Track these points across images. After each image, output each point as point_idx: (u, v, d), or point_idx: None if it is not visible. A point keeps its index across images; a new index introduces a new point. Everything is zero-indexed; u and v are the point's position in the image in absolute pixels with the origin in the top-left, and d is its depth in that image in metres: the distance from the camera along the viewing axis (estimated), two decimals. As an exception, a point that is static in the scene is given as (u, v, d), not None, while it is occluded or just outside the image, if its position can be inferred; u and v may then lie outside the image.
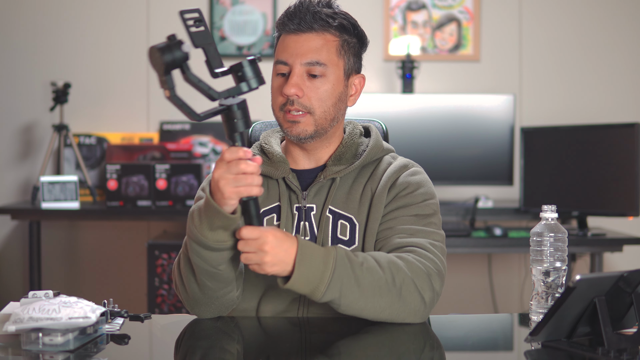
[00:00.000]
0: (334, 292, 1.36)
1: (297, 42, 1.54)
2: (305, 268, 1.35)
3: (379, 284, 1.38)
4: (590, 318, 1.23)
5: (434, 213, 1.56)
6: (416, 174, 1.59)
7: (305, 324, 1.48)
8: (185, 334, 1.41)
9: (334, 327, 1.45)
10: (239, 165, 1.33)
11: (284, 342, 1.40)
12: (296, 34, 1.54)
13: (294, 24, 1.54)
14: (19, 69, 3.78)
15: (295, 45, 1.54)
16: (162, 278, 3.29)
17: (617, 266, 3.66)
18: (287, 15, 1.56)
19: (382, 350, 1.34)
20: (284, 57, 1.54)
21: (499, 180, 3.49)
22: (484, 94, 3.55)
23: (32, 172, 3.75)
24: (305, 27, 1.54)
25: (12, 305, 1.35)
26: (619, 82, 3.79)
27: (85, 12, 3.78)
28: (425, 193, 1.56)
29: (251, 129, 1.84)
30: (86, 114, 3.76)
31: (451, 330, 1.47)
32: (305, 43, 1.54)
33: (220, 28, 3.76)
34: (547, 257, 1.40)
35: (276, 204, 1.57)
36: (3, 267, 3.79)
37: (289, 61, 1.54)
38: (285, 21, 1.56)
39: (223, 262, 1.41)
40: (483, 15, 3.79)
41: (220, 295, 1.46)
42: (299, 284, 1.35)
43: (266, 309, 1.52)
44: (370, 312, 1.40)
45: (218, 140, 3.70)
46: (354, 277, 1.37)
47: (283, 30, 1.57)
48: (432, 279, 1.43)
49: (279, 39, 1.58)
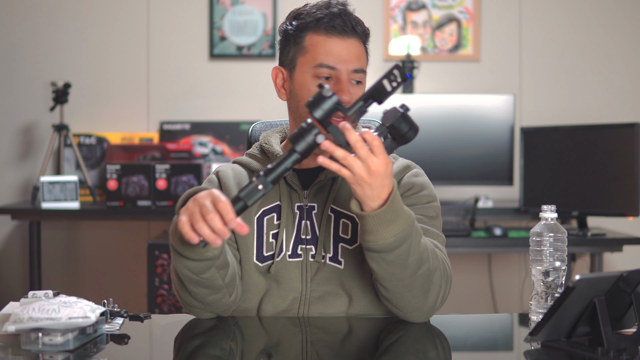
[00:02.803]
0: (394, 245, 1.34)
1: (343, 47, 1.50)
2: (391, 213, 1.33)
3: (423, 266, 1.39)
4: (589, 318, 1.23)
5: (437, 216, 1.56)
6: (419, 176, 1.59)
7: (305, 323, 1.48)
8: (183, 333, 1.41)
9: (335, 327, 1.45)
10: (209, 210, 1.25)
11: (285, 342, 1.40)
12: (341, 38, 1.50)
13: (339, 26, 1.50)
14: (19, 69, 3.78)
15: (341, 51, 1.50)
16: (162, 278, 3.29)
17: (617, 266, 3.66)
18: (329, 15, 1.51)
19: (386, 350, 1.34)
20: (332, 62, 1.49)
21: (499, 180, 3.49)
22: (484, 94, 3.55)
23: (32, 172, 3.75)
24: (351, 32, 1.51)
25: (12, 305, 1.35)
26: (619, 82, 3.79)
27: (85, 12, 3.78)
28: (429, 195, 1.57)
29: (251, 128, 1.84)
30: (86, 114, 3.76)
31: (451, 330, 1.46)
32: (352, 49, 1.51)
33: (220, 28, 3.76)
34: (547, 257, 1.40)
35: (276, 203, 1.56)
36: (3, 267, 3.79)
37: (338, 67, 1.49)
38: (326, 21, 1.50)
39: (205, 271, 1.40)
40: (483, 15, 3.79)
41: (211, 301, 1.45)
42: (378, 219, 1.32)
43: (267, 308, 1.52)
44: (396, 287, 1.39)
45: (218, 140, 3.70)
46: (411, 248, 1.36)
47: (320, 29, 1.51)
48: (448, 282, 1.46)
49: (309, 36, 1.52)
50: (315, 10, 1.53)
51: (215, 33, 3.76)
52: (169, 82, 3.79)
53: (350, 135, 1.28)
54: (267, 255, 1.53)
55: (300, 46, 1.53)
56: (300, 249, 1.53)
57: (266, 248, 1.53)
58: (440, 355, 1.32)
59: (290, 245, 1.53)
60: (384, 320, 1.49)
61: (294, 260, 1.53)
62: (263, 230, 1.54)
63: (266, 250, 1.53)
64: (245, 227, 1.24)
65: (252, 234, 1.54)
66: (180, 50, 3.79)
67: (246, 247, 1.53)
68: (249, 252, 1.53)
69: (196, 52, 3.79)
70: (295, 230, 1.54)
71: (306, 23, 1.52)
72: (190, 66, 3.79)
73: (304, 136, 1.28)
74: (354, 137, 1.28)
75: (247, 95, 3.77)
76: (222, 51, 3.77)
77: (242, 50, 3.77)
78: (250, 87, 3.77)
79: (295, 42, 1.54)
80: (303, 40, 1.52)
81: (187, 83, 3.79)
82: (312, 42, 1.51)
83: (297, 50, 1.53)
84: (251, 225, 1.54)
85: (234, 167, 1.63)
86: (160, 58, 3.78)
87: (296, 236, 1.54)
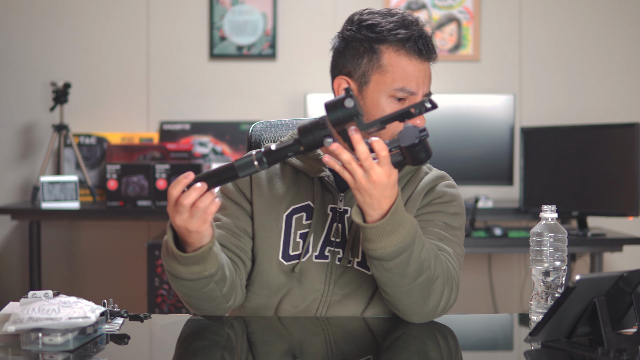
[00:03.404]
0: (393, 255, 1.35)
1: (421, 70, 1.48)
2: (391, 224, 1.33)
3: (423, 275, 1.38)
4: (590, 318, 1.23)
5: (460, 228, 1.56)
6: (452, 187, 1.59)
7: (325, 323, 1.48)
8: (184, 334, 1.41)
9: (352, 326, 1.46)
10: (183, 204, 1.29)
11: (304, 342, 1.40)
12: (422, 62, 1.48)
13: (424, 48, 1.47)
14: (18, 69, 3.78)
15: (419, 74, 1.47)
16: (162, 278, 3.29)
17: (617, 266, 3.66)
18: (414, 38, 1.47)
19: (387, 350, 1.34)
20: (413, 87, 1.47)
21: (499, 180, 3.49)
22: (484, 94, 3.55)
23: (32, 172, 3.75)
24: (428, 56, 1.49)
25: (12, 305, 1.35)
26: (619, 82, 3.79)
27: (85, 12, 3.78)
28: (458, 207, 1.57)
29: (251, 128, 1.83)
30: (86, 114, 3.76)
31: (451, 330, 1.46)
32: (427, 73, 1.49)
33: (220, 28, 3.76)
34: (547, 257, 1.40)
35: (307, 202, 1.54)
36: (3, 267, 3.79)
37: (416, 91, 1.48)
38: (409, 42, 1.46)
39: (204, 287, 1.41)
40: (483, 15, 3.78)
41: (207, 308, 1.46)
42: (377, 231, 1.32)
43: (286, 307, 1.52)
44: (395, 292, 1.39)
45: (218, 140, 3.70)
46: (412, 258, 1.36)
47: (401, 48, 1.46)
48: (452, 290, 1.46)
49: (388, 53, 1.46)
50: (392, 25, 1.47)
51: (215, 33, 3.76)
52: (169, 82, 3.79)
53: (356, 146, 1.28)
54: (293, 254, 1.52)
55: (378, 63, 1.46)
56: (328, 251, 1.52)
57: (292, 247, 1.52)
58: (442, 355, 1.32)
59: (318, 246, 1.52)
60: (385, 320, 1.50)
61: (319, 261, 1.52)
62: (291, 229, 1.53)
63: (292, 249, 1.52)
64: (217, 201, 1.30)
65: (280, 231, 1.53)
66: (180, 50, 3.79)
67: (271, 244, 1.53)
68: (273, 250, 1.52)
69: (196, 52, 3.79)
70: (325, 232, 1.53)
71: (384, 37, 1.47)
72: (190, 66, 3.79)
73: (313, 132, 1.28)
74: (361, 148, 1.28)
75: (247, 95, 3.76)
76: (222, 51, 3.77)
77: (242, 50, 3.77)
78: (250, 87, 3.76)
79: (370, 56, 1.47)
80: (380, 57, 1.46)
81: (187, 83, 3.79)
82: (392, 62, 1.46)
83: (372, 66, 1.47)
84: (279, 222, 1.53)
85: None
86: (160, 58, 3.78)
87: (325, 238, 1.53)
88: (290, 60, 3.77)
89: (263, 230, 1.53)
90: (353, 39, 1.49)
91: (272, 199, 1.55)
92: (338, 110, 1.27)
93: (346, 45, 1.50)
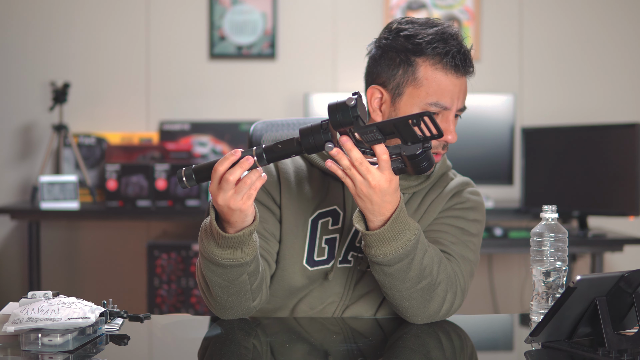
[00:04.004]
0: (394, 261, 1.34)
1: (457, 85, 1.45)
2: (392, 231, 1.32)
3: (424, 281, 1.38)
4: (590, 318, 1.23)
5: (477, 235, 1.55)
6: (476, 195, 1.59)
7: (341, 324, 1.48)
8: (205, 337, 1.41)
9: (347, 326, 1.45)
10: (229, 180, 1.27)
11: (322, 343, 1.40)
12: (458, 77, 1.45)
13: (460, 63, 1.44)
14: (18, 68, 3.78)
15: (454, 89, 1.45)
16: (161, 278, 3.28)
17: (618, 266, 3.66)
18: (452, 53, 1.44)
19: (387, 349, 1.33)
20: (447, 103, 1.44)
21: (499, 180, 3.49)
22: (484, 94, 3.55)
23: (31, 172, 3.75)
24: (465, 71, 1.47)
25: (11, 305, 1.35)
26: (620, 82, 3.78)
27: (85, 11, 3.77)
28: (479, 214, 1.56)
29: (252, 128, 1.83)
30: (86, 114, 3.75)
31: (451, 330, 1.46)
32: (463, 87, 1.47)
33: (219, 28, 3.76)
34: (548, 257, 1.39)
35: (333, 207, 1.52)
36: (2, 267, 3.78)
37: (449, 106, 1.45)
38: (446, 57, 1.43)
39: (238, 277, 1.38)
40: (483, 15, 3.78)
41: (233, 305, 1.43)
42: (378, 238, 1.32)
43: (303, 308, 1.52)
44: (395, 295, 1.40)
45: (218, 139, 3.70)
46: (413, 264, 1.36)
47: (438, 64, 1.44)
48: (457, 295, 1.45)
49: (424, 66, 1.44)
50: (431, 37, 1.44)
51: (215, 33, 3.75)
52: (169, 82, 3.78)
53: (349, 153, 1.27)
54: (318, 260, 1.51)
55: (413, 76, 1.44)
56: (351, 256, 1.52)
57: (317, 252, 1.52)
58: (443, 355, 1.32)
59: (342, 251, 1.52)
60: (386, 320, 1.50)
61: (342, 266, 1.52)
62: (317, 234, 1.52)
63: (317, 255, 1.52)
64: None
65: (305, 236, 1.52)
66: (180, 50, 3.78)
67: (296, 248, 1.51)
68: (297, 255, 1.51)
69: (196, 52, 3.79)
70: (350, 237, 1.52)
71: (421, 50, 1.44)
72: (190, 66, 3.79)
73: (314, 136, 1.28)
74: (354, 154, 1.27)
75: (246, 95, 3.76)
76: (221, 51, 3.77)
77: (241, 49, 3.77)
78: (250, 86, 3.76)
79: (405, 68, 1.45)
80: (416, 70, 1.44)
81: (186, 83, 3.79)
82: (427, 76, 1.44)
83: (407, 78, 1.45)
84: (305, 227, 1.52)
85: (295, 159, 1.56)
86: (160, 58, 3.78)
87: (350, 243, 1.52)
88: (290, 60, 3.77)
89: (290, 234, 1.52)
90: (390, 49, 1.47)
91: (300, 203, 1.53)
92: (339, 112, 1.26)
93: (382, 54, 1.48)
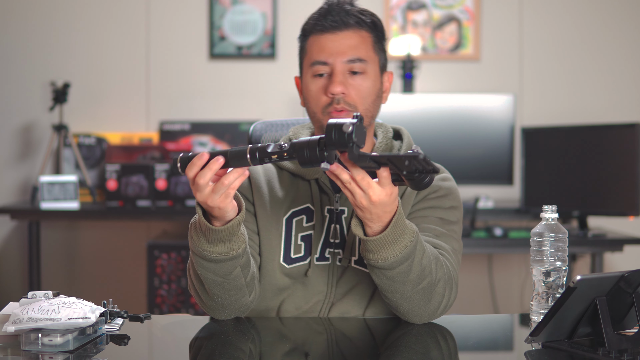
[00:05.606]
0: (395, 264, 1.35)
1: (335, 40, 1.52)
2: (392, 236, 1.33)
3: (424, 281, 1.39)
4: (590, 318, 1.23)
5: (457, 222, 1.56)
6: (447, 180, 1.59)
7: (327, 324, 1.48)
8: (199, 336, 1.41)
9: (345, 327, 1.45)
10: (200, 184, 1.29)
11: (307, 343, 1.40)
12: (333, 32, 1.52)
13: (328, 22, 1.52)
14: (18, 68, 3.78)
15: (333, 44, 1.51)
16: (161, 278, 3.28)
17: (618, 266, 3.66)
18: (320, 15, 1.54)
19: (386, 349, 1.33)
20: (323, 57, 1.51)
21: (499, 180, 3.49)
22: (484, 94, 3.55)
23: (31, 172, 3.75)
24: (341, 25, 1.52)
25: (12, 305, 1.35)
26: (620, 82, 3.78)
27: (85, 11, 3.77)
28: (453, 200, 1.57)
29: (252, 128, 1.83)
30: (86, 114, 3.75)
31: (452, 330, 1.46)
32: (344, 41, 1.52)
33: (219, 28, 3.76)
34: (548, 257, 1.39)
35: (306, 205, 1.55)
36: (2, 268, 3.78)
37: (329, 60, 1.51)
38: (317, 21, 1.53)
39: (231, 271, 1.39)
40: (483, 14, 3.78)
41: (231, 302, 1.44)
42: (378, 243, 1.33)
43: (289, 308, 1.52)
44: (396, 297, 1.40)
45: (218, 139, 3.70)
46: (413, 266, 1.36)
47: (314, 31, 1.54)
48: (452, 289, 1.46)
49: (309, 40, 1.55)
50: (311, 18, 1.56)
51: (214, 33, 3.75)
52: (169, 82, 3.78)
53: (351, 169, 1.27)
54: (295, 257, 1.53)
55: (304, 51, 1.56)
56: (328, 253, 1.53)
57: (294, 250, 1.53)
58: (443, 355, 1.32)
59: (318, 248, 1.53)
60: (386, 320, 1.50)
61: (321, 263, 1.52)
62: (292, 232, 1.54)
63: (294, 252, 1.53)
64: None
65: (280, 235, 1.54)
66: (180, 50, 3.78)
67: (272, 247, 1.53)
68: (274, 253, 1.53)
69: (196, 52, 3.79)
70: (324, 234, 1.53)
71: (306, 29, 1.56)
72: (190, 66, 3.79)
73: (308, 152, 1.25)
74: (355, 171, 1.27)
75: (246, 95, 3.76)
76: (221, 51, 3.77)
77: (241, 49, 3.77)
78: (250, 86, 3.76)
79: (301, 49, 1.58)
80: (305, 45, 1.56)
81: (186, 83, 3.79)
82: (309, 44, 1.55)
83: (302, 55, 1.57)
84: (280, 225, 1.54)
85: None
86: (160, 58, 3.78)
87: (325, 239, 1.53)
88: (290, 59, 3.76)
89: (265, 232, 1.54)
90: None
91: (272, 203, 1.55)
92: (335, 134, 1.22)
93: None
